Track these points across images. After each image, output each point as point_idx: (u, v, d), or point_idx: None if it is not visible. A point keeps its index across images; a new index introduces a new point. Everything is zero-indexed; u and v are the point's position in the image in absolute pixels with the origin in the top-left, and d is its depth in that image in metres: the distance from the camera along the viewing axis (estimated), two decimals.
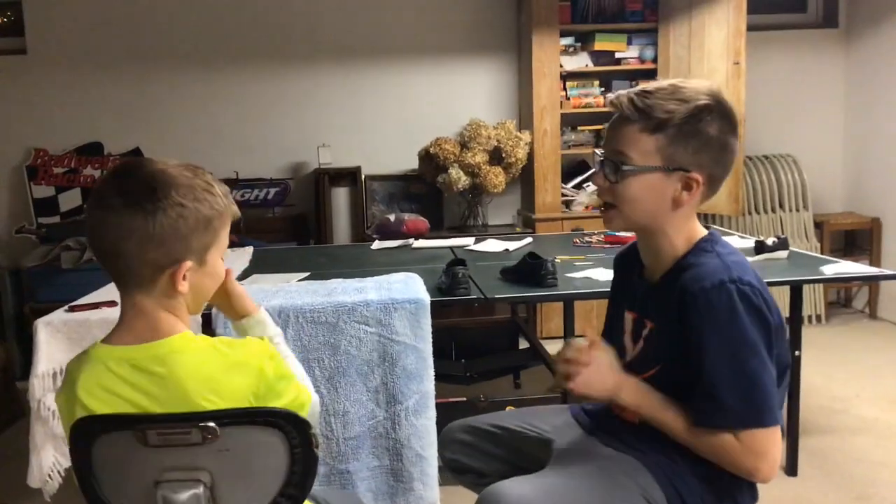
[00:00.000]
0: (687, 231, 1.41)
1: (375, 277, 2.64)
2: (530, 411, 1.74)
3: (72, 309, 2.44)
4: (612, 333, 1.52)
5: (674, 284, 1.36)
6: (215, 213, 1.17)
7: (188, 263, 1.16)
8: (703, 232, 1.43)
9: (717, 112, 1.35)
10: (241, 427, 1.11)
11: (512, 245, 3.38)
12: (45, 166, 4.51)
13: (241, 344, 1.18)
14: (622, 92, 1.39)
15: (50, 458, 2.21)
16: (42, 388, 2.21)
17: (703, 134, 1.34)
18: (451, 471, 1.75)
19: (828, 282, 2.80)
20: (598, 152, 1.43)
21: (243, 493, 1.13)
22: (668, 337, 1.38)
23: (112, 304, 2.46)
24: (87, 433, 1.11)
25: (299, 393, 1.24)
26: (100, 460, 1.12)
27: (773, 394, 1.30)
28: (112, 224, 1.11)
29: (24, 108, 4.53)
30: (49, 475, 2.20)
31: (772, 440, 1.29)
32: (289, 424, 1.13)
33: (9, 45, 4.56)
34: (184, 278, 1.15)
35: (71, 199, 4.53)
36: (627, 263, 1.56)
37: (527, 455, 1.61)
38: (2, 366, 3.49)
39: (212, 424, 1.08)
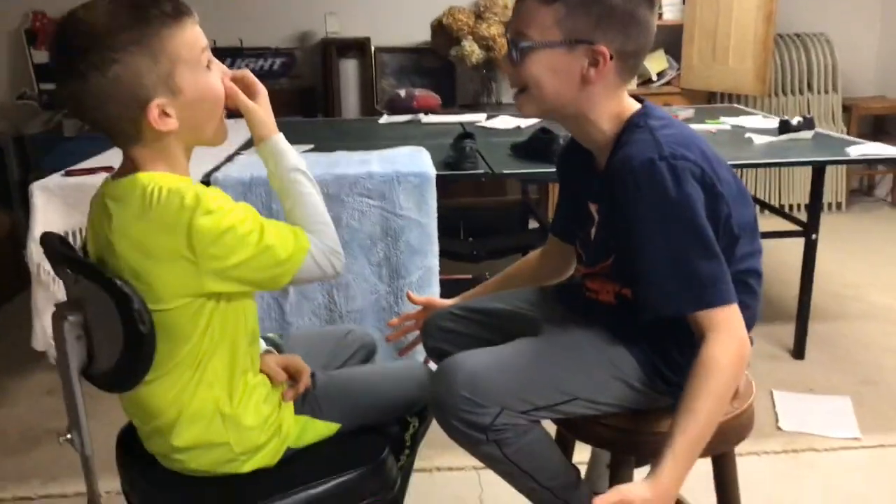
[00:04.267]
0: (614, 111, 1.29)
1: (381, 151, 2.55)
2: (515, 292, 1.67)
3: (69, 174, 2.39)
4: (581, 228, 1.42)
5: (611, 168, 1.26)
6: (153, 38, 1.04)
7: (156, 102, 1.06)
8: (636, 107, 1.31)
9: None
10: (91, 281, 1.12)
11: (524, 122, 3.25)
12: (45, 30, 4.32)
13: (166, 203, 1.06)
14: None
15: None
16: (40, 253, 2.18)
17: (606, 1, 1.20)
18: (436, 358, 1.70)
19: (852, 162, 2.67)
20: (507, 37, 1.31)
21: (103, 342, 1.17)
22: (615, 226, 1.28)
23: (110, 169, 2.40)
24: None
25: (270, 248, 1.11)
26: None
27: (715, 275, 1.18)
28: (66, 95, 1.07)
29: None
30: (52, 338, 2.21)
31: (725, 317, 1.18)
32: (116, 294, 1.07)
33: None
34: (165, 115, 1.07)
35: None
36: (575, 157, 1.43)
37: (514, 335, 1.56)
38: (7, 233, 3.48)
39: (69, 271, 1.18)
